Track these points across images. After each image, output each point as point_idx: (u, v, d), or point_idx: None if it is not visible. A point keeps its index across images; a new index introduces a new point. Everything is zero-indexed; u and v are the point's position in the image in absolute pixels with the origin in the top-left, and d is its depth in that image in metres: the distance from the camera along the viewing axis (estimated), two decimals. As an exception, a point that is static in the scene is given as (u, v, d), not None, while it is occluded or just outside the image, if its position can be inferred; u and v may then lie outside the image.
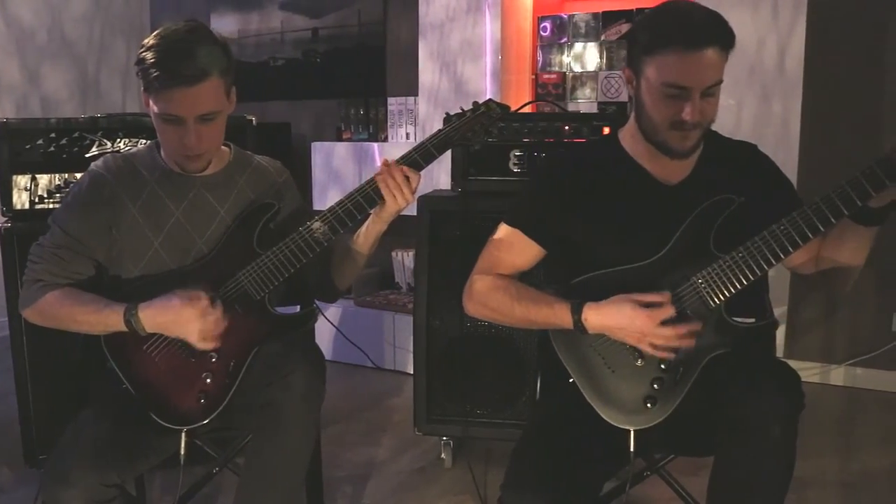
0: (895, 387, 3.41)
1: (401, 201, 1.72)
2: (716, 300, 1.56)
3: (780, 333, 3.41)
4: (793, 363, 3.44)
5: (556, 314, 1.62)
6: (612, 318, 1.56)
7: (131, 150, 1.84)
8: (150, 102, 1.65)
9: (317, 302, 3.77)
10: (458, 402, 2.58)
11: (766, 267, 1.54)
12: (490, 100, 1.79)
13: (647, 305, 1.53)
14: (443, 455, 2.71)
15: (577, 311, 1.59)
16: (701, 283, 1.56)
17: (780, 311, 3.37)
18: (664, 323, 1.52)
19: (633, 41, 1.62)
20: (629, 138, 1.72)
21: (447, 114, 1.79)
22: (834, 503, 2.47)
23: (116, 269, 1.75)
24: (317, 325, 3.75)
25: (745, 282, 1.54)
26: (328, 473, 2.58)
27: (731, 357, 1.56)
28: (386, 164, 1.71)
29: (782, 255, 1.53)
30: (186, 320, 1.59)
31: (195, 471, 1.94)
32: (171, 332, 1.63)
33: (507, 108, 1.81)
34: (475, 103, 1.79)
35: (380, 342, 3.76)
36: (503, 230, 1.76)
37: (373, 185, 1.72)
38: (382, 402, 3.36)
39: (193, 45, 1.60)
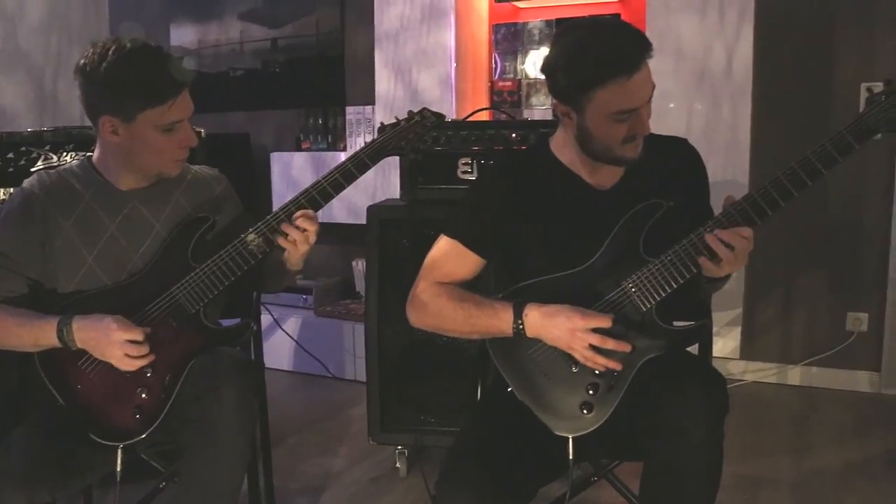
0: (850, 385, 3.46)
1: (302, 249, 1.72)
2: (647, 304, 1.58)
3: (736, 335, 3.44)
4: (750, 364, 3.55)
5: (498, 314, 1.62)
6: (551, 313, 1.57)
7: (64, 166, 1.83)
8: (146, 119, 1.64)
9: (273, 314, 3.77)
10: (412, 410, 2.59)
11: (694, 269, 1.55)
12: (424, 108, 1.80)
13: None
14: (397, 464, 2.71)
15: (518, 310, 1.60)
16: (632, 288, 1.58)
17: (735, 313, 3.41)
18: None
19: (562, 81, 1.58)
20: (560, 147, 1.73)
21: (382, 123, 1.80)
22: (785, 502, 2.49)
23: (51, 283, 1.74)
24: (275, 336, 3.80)
25: (674, 284, 1.56)
26: (282, 485, 2.57)
27: (663, 361, 1.57)
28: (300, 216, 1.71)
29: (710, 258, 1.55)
30: (110, 344, 1.59)
31: (147, 484, 1.92)
32: (95, 352, 1.62)
33: (443, 116, 1.82)
34: (410, 112, 1.79)
35: (340, 352, 3.76)
36: (443, 241, 1.76)
37: (298, 202, 1.73)
38: (340, 412, 3.35)
39: (163, 50, 1.70)
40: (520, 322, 1.60)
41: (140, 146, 1.69)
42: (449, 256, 1.75)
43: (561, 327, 1.55)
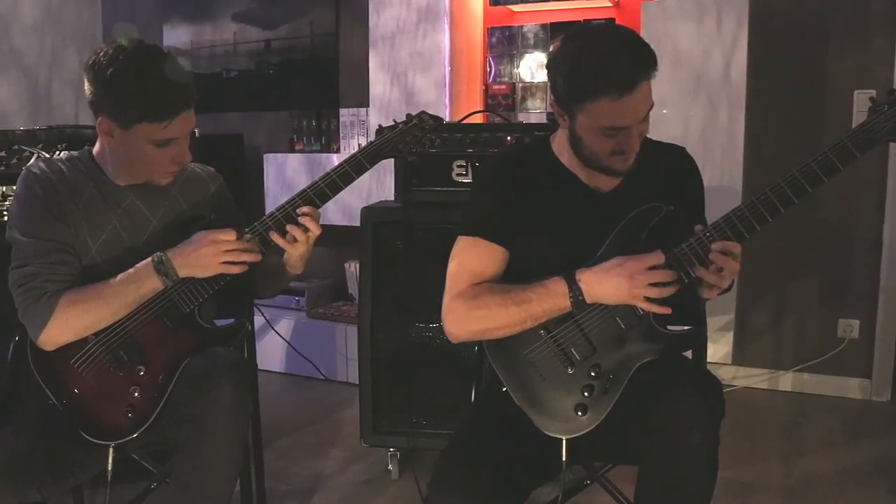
0: (841, 392, 3.47)
1: (300, 249, 1.73)
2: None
3: (728, 340, 3.45)
4: (742, 370, 3.56)
5: (549, 290, 1.57)
6: (605, 269, 1.55)
7: (64, 156, 1.79)
8: (141, 131, 1.62)
9: (266, 315, 3.76)
10: (404, 413, 2.58)
11: (692, 274, 1.55)
12: (423, 112, 1.79)
13: None
14: (389, 466, 2.70)
15: (570, 278, 1.56)
16: (631, 289, 1.57)
17: (727, 318, 3.42)
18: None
19: (558, 84, 1.58)
20: (560, 148, 1.72)
21: (380, 126, 1.79)
22: (776, 508, 2.50)
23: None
24: (268, 338, 3.79)
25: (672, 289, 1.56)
26: (273, 487, 2.56)
27: (658, 365, 1.57)
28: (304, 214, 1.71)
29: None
30: (207, 249, 1.64)
31: (138, 485, 1.91)
32: (197, 269, 1.66)
33: (441, 119, 1.81)
34: (408, 115, 1.79)
35: (332, 354, 3.75)
36: (463, 243, 1.70)
37: (294, 203, 1.72)
38: (333, 414, 3.34)
39: (179, 64, 1.66)
40: (576, 289, 1.56)
41: (132, 153, 1.67)
42: (472, 256, 1.68)
43: (619, 276, 1.52)
